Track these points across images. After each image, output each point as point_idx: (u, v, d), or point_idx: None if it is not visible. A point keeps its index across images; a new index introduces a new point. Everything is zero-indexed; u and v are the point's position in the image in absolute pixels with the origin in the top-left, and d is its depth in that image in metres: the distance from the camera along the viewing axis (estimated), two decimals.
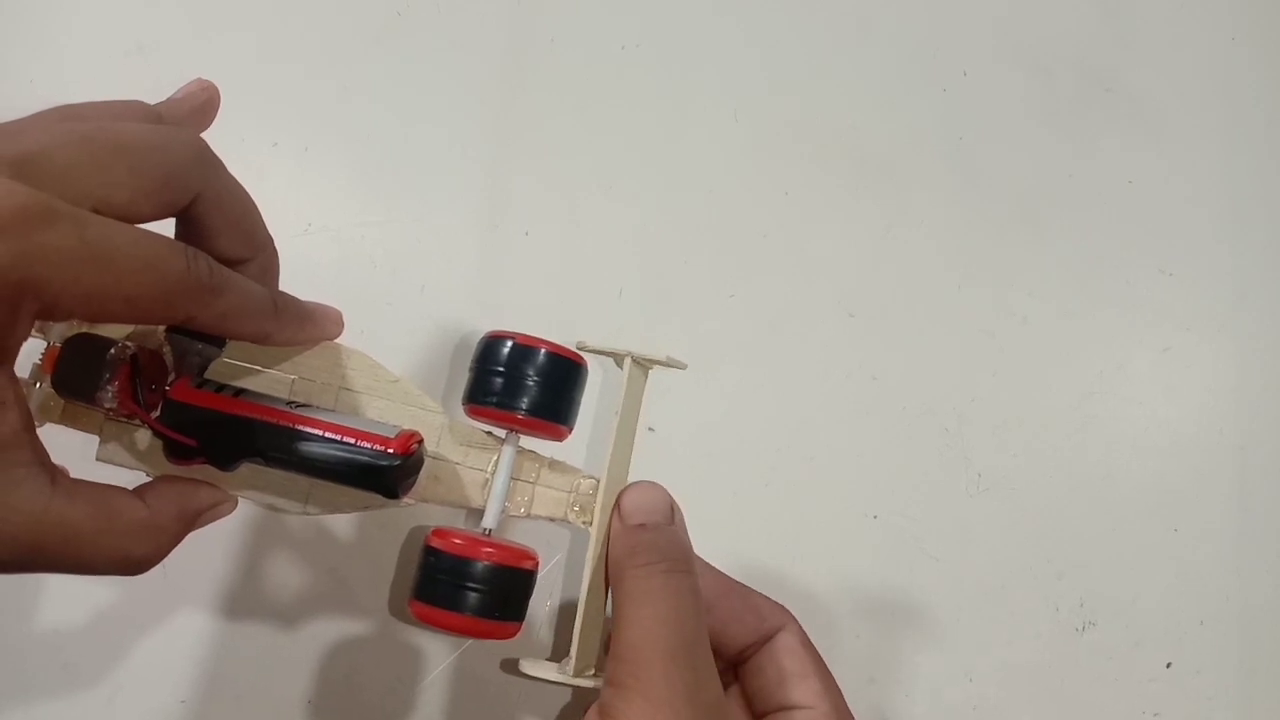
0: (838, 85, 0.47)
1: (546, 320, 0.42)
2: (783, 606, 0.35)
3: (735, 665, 0.35)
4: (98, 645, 0.40)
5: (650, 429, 0.42)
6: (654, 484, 0.34)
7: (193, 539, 0.31)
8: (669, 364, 0.35)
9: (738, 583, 0.35)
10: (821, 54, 0.47)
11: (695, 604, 0.30)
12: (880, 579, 0.43)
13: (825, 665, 0.34)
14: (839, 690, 0.34)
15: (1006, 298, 0.46)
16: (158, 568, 0.29)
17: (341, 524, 0.41)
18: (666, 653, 0.29)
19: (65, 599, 0.40)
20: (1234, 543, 0.45)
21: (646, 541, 0.31)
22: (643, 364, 0.35)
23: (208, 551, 0.40)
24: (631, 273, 0.44)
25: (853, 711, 0.33)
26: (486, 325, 0.42)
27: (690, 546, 0.33)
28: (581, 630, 0.32)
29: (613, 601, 0.31)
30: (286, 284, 0.33)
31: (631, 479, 0.35)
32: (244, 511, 0.40)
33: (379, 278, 0.43)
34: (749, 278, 0.45)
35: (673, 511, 0.33)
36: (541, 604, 0.41)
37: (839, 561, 0.43)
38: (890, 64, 0.48)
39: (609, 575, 0.32)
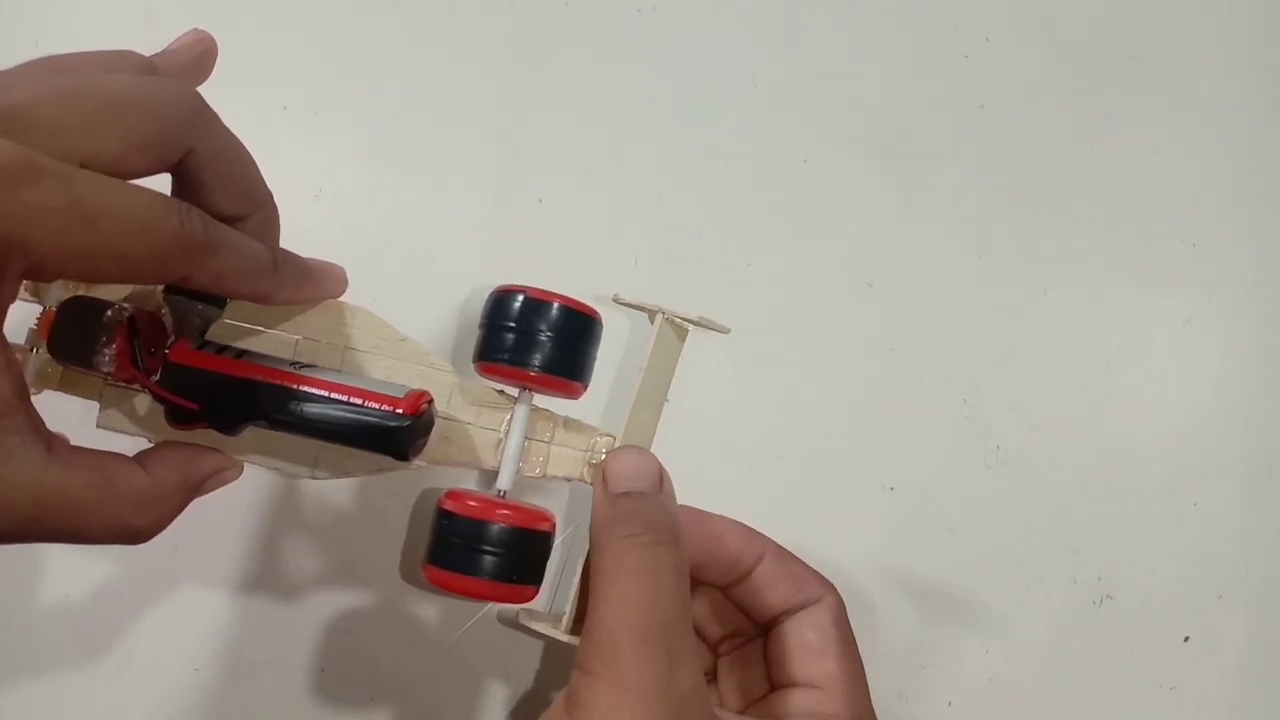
0: (858, 50, 0.45)
1: (561, 288, 0.42)
2: (825, 580, 0.32)
3: (766, 631, 0.33)
4: (110, 614, 0.39)
5: (665, 399, 0.42)
6: (642, 450, 0.32)
7: (203, 507, 0.31)
8: (703, 324, 0.33)
9: (780, 547, 0.33)
10: (842, 18, 0.45)
11: (675, 582, 0.28)
12: (896, 551, 0.42)
13: (854, 648, 0.32)
14: (861, 677, 0.31)
15: (1027, 268, 0.44)
16: (169, 537, 0.29)
17: (351, 488, 0.40)
18: (640, 637, 0.26)
19: (77, 568, 0.39)
20: (1253, 516, 0.43)
21: (628, 510, 0.29)
22: (676, 324, 0.33)
23: (219, 521, 0.39)
24: (647, 241, 0.43)
25: (869, 686, 0.32)
26: None
27: (677, 519, 0.30)
28: (580, 589, 0.31)
29: (590, 576, 0.29)
30: (298, 251, 0.32)
31: (654, 446, 0.35)
32: (254, 478, 0.39)
33: (391, 245, 0.42)
34: (766, 247, 0.43)
35: (661, 480, 0.31)
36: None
37: (855, 533, 0.42)
38: (912, 29, 0.46)
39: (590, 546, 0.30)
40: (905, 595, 0.42)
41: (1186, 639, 0.43)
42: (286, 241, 0.32)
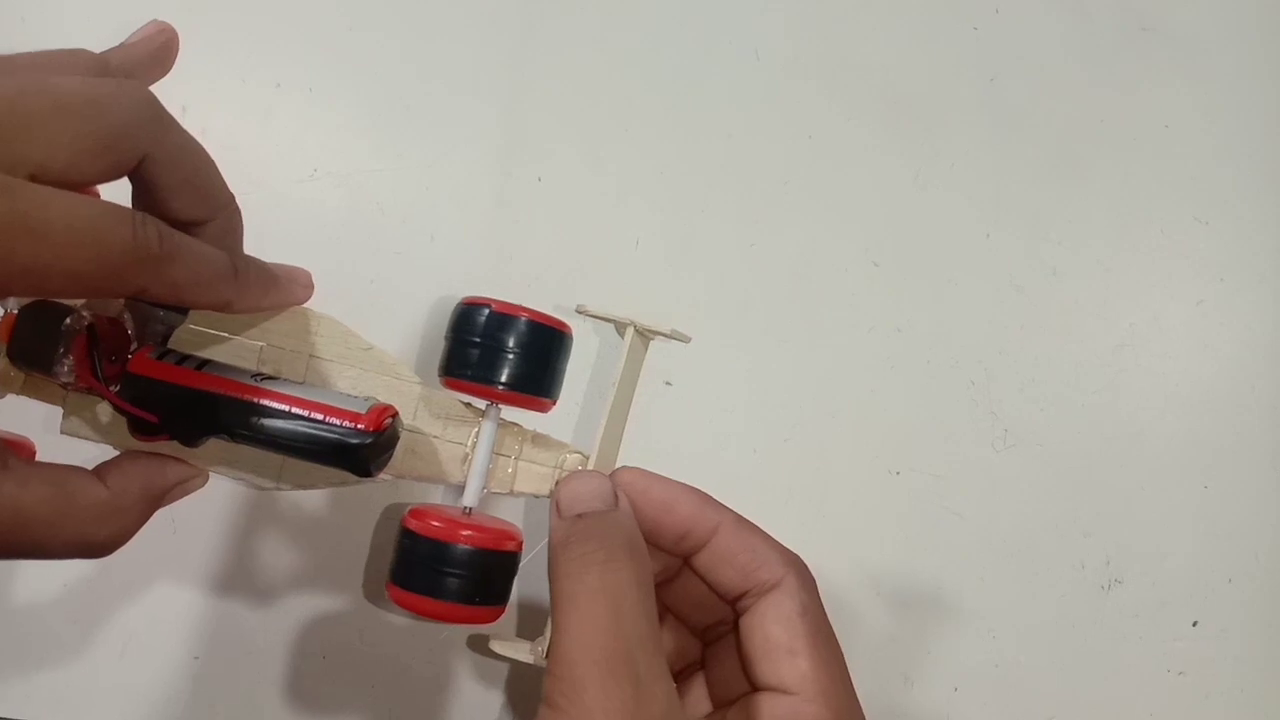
0: (864, 21, 0.44)
1: (561, 270, 0.41)
2: (789, 555, 0.30)
3: (736, 615, 0.31)
4: (108, 601, 0.38)
5: (668, 383, 0.41)
6: (594, 472, 0.30)
7: (203, 494, 0.31)
8: (673, 336, 0.32)
9: (740, 519, 0.31)
10: None
11: (638, 600, 0.27)
12: (903, 535, 0.41)
13: (828, 637, 0.29)
14: (839, 672, 0.29)
15: (1037, 247, 0.43)
16: (167, 522, 0.29)
17: (346, 489, 0.40)
18: (603, 666, 0.25)
19: None
20: (1265, 500, 0.43)
21: (582, 530, 0.28)
22: (645, 334, 0.32)
23: (218, 507, 0.38)
24: (649, 220, 0.41)
25: (873, 670, 0.31)
26: (499, 274, 0.41)
27: (636, 533, 0.29)
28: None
29: (551, 602, 0.27)
30: (292, 232, 0.32)
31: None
32: None
33: (388, 225, 0.41)
34: (771, 226, 0.42)
35: (615, 498, 0.29)
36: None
37: (861, 518, 0.41)
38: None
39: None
40: (911, 579, 0.42)
41: (1195, 624, 0.43)
42: (280, 222, 0.31)
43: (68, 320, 0.27)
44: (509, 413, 0.32)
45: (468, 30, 0.42)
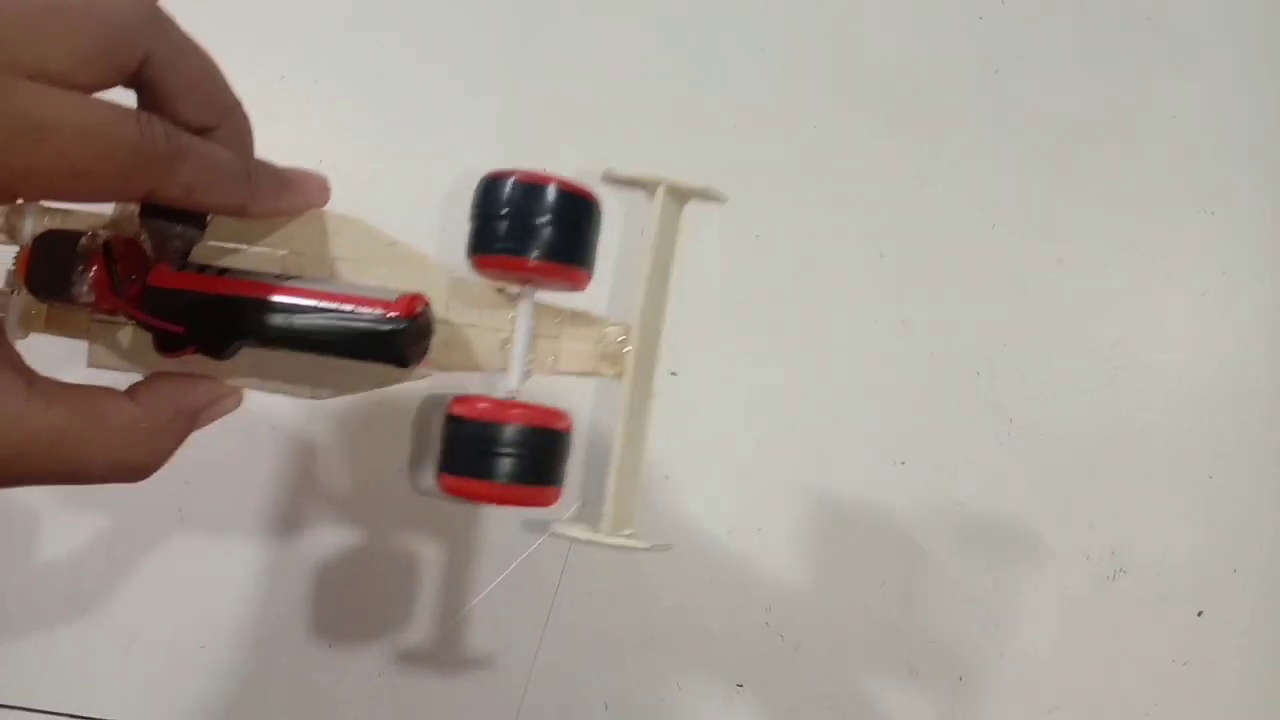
0: (868, 12, 0.44)
1: None
2: None
3: None
4: (116, 592, 0.39)
5: (673, 373, 0.41)
6: None
7: (206, 487, 0.31)
8: (706, 195, 0.30)
9: None
10: None
11: None
12: (907, 526, 0.41)
13: None
14: None
15: (1040, 239, 0.43)
16: (175, 515, 0.29)
17: (351, 464, 0.40)
18: None
19: (81, 545, 0.39)
20: (1268, 490, 0.43)
21: None
22: (677, 195, 0.30)
23: (224, 496, 0.39)
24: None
25: (877, 660, 0.31)
26: None
27: None
28: (615, 488, 0.29)
29: None
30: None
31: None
32: (257, 452, 0.39)
33: (394, 218, 0.41)
34: (775, 218, 0.42)
35: None
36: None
37: (866, 509, 0.41)
38: None
39: None
40: (915, 570, 0.42)
41: (1200, 614, 0.43)
42: None
43: (82, 240, 0.26)
44: (543, 297, 0.31)
45: (468, 30, 0.42)
